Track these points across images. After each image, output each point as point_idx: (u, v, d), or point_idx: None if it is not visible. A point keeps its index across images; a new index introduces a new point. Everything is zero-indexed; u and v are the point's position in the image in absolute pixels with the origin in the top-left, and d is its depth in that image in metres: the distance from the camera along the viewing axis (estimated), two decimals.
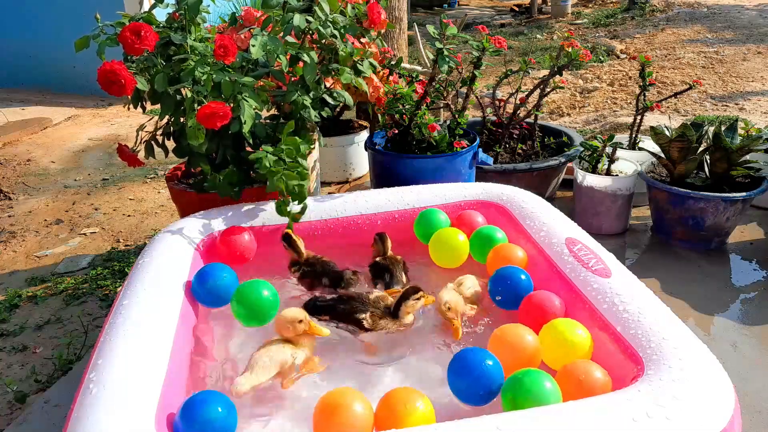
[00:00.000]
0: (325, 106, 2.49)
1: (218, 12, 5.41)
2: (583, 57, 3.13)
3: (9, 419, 2.07)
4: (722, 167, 2.90)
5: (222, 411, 1.42)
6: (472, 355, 1.56)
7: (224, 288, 1.93)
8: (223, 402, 1.44)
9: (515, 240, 2.24)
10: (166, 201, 3.82)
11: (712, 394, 1.35)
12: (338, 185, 3.91)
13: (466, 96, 3.16)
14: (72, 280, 2.94)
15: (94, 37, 2.17)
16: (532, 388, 1.45)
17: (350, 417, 1.40)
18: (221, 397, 1.46)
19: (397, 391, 1.48)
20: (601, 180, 3.02)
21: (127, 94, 2.01)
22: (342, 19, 2.37)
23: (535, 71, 5.93)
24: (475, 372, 1.53)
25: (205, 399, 1.43)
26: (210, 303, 1.97)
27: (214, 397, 1.44)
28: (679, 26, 7.96)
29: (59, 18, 6.16)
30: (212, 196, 2.41)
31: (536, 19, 9.90)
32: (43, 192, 4.10)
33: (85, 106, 6.07)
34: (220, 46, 2.02)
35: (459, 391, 1.56)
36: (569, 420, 1.29)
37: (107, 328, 1.64)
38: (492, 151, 3.46)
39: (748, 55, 6.42)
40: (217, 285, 1.92)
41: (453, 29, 2.84)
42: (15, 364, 2.36)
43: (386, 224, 2.38)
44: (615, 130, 4.49)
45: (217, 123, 1.97)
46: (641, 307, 1.65)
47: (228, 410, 1.44)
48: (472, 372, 1.53)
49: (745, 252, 2.92)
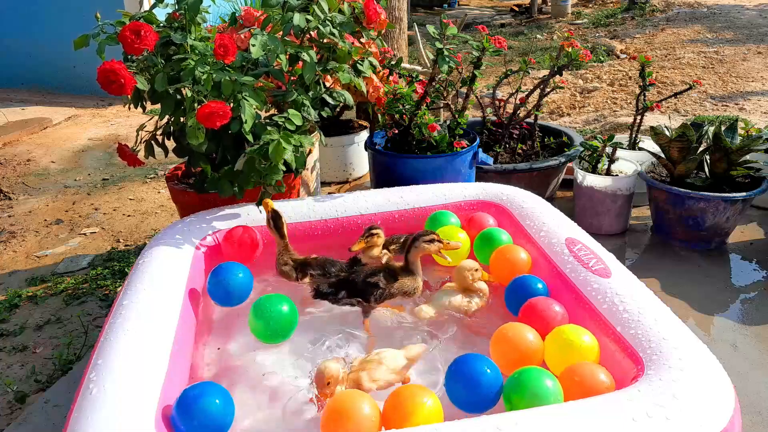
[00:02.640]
0: (325, 106, 2.49)
1: (218, 12, 5.41)
2: (583, 57, 3.13)
3: (9, 419, 2.07)
4: (722, 167, 2.90)
5: (219, 403, 1.43)
6: (471, 364, 1.52)
7: (240, 286, 1.99)
8: (220, 393, 1.45)
9: (515, 240, 2.24)
10: (166, 201, 3.82)
11: (712, 394, 1.35)
12: (338, 185, 3.91)
13: (466, 96, 3.16)
14: (72, 280, 2.94)
15: (94, 36, 2.17)
16: (533, 387, 1.45)
17: (359, 421, 1.39)
18: (218, 388, 1.46)
19: (405, 389, 1.47)
20: (601, 180, 3.02)
21: (126, 93, 2.00)
22: (341, 17, 2.37)
23: (535, 71, 5.94)
24: (473, 381, 1.49)
25: (201, 391, 1.44)
26: (225, 301, 2.01)
27: (211, 388, 1.45)
28: (679, 26, 7.97)
29: (59, 18, 6.15)
30: (212, 196, 2.41)
31: (536, 19, 9.90)
32: (43, 192, 4.10)
33: (85, 106, 6.07)
34: (220, 45, 2.02)
35: (457, 400, 1.54)
36: (569, 420, 1.29)
37: (107, 328, 1.65)
38: (492, 151, 3.46)
39: (748, 55, 6.42)
40: (233, 283, 1.97)
41: (453, 29, 2.84)
42: (15, 364, 2.36)
43: (386, 224, 2.38)
44: (615, 130, 4.49)
45: (217, 122, 1.96)
46: (641, 307, 1.65)
47: (225, 402, 1.45)
48: (470, 381, 1.50)
49: (745, 252, 2.92)
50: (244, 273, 2.02)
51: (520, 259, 2.09)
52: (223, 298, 2.01)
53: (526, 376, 1.48)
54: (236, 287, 1.99)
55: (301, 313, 1.95)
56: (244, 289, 2.02)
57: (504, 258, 2.11)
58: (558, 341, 1.66)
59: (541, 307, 1.80)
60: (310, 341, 1.93)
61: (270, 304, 1.83)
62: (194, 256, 2.10)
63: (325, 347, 1.84)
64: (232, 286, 1.98)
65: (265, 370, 1.82)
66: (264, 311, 1.82)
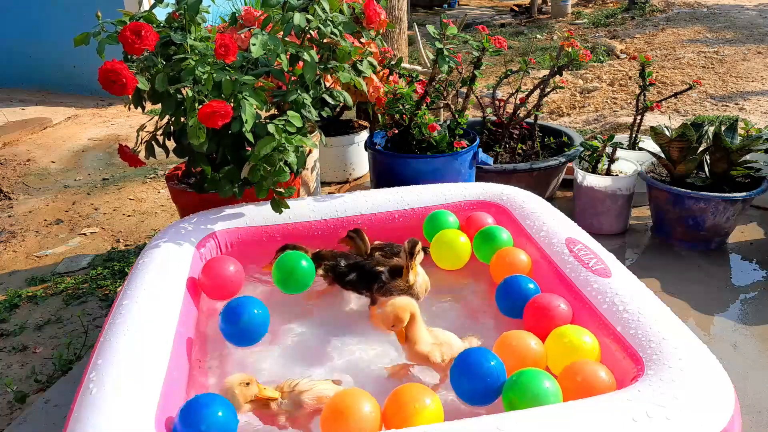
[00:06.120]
0: (325, 106, 2.49)
1: (218, 12, 5.41)
2: (583, 57, 3.13)
3: (9, 419, 2.07)
4: (722, 167, 2.90)
5: (222, 415, 1.40)
6: (475, 356, 1.55)
7: (257, 325, 1.81)
8: (223, 406, 1.42)
9: (515, 240, 2.23)
10: (166, 201, 3.82)
11: (712, 394, 1.35)
12: (338, 185, 3.91)
13: (466, 96, 3.16)
14: (72, 280, 2.94)
15: (95, 35, 2.17)
16: (532, 388, 1.44)
17: (359, 420, 1.39)
18: (221, 400, 1.44)
19: (405, 388, 1.48)
20: (601, 180, 3.02)
21: (128, 93, 2.01)
22: (341, 17, 2.37)
23: (535, 71, 5.93)
24: (478, 372, 1.52)
25: (205, 403, 1.41)
26: (241, 342, 1.84)
27: (214, 400, 1.43)
28: (679, 26, 7.96)
29: (59, 18, 6.15)
30: (212, 196, 2.41)
31: (536, 19, 9.90)
32: (43, 192, 4.10)
33: (85, 106, 6.07)
34: (221, 45, 2.02)
35: (461, 391, 1.56)
36: (569, 420, 1.29)
37: (107, 328, 1.65)
38: (492, 151, 3.46)
39: (748, 55, 6.42)
40: (250, 322, 1.79)
41: (453, 29, 2.84)
42: (15, 364, 2.36)
43: (386, 224, 2.38)
44: (615, 130, 4.49)
45: (219, 122, 1.97)
46: (641, 307, 1.65)
47: (228, 414, 1.42)
48: (475, 372, 1.52)
49: (745, 252, 2.92)
50: (260, 309, 1.84)
51: (520, 261, 2.08)
52: (239, 339, 1.84)
53: (525, 377, 1.48)
54: (254, 326, 1.81)
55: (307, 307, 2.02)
56: (261, 328, 1.84)
57: (504, 261, 2.10)
58: (559, 343, 1.66)
59: (546, 305, 1.80)
60: (310, 344, 1.93)
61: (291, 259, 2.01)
62: (194, 255, 2.10)
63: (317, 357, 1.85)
64: (249, 325, 1.80)
65: (265, 371, 1.83)
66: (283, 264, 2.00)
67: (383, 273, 2.05)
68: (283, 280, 2.03)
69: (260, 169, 2.14)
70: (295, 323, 2.05)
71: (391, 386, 1.51)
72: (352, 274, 2.11)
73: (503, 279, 2.00)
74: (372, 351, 1.90)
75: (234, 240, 2.26)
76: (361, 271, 2.10)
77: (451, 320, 2.04)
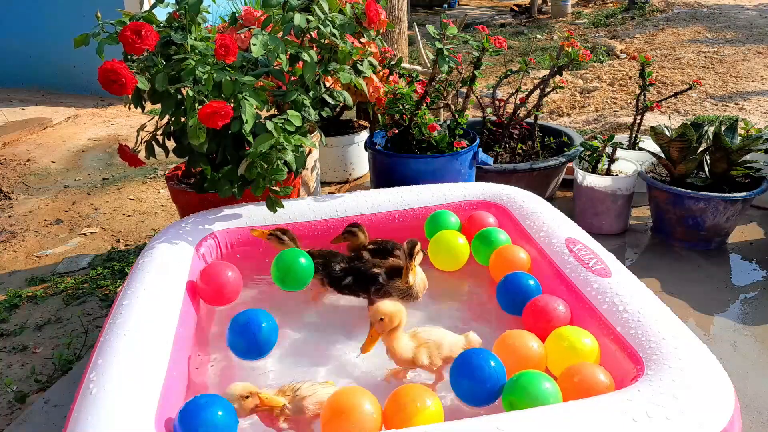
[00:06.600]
0: (325, 106, 2.49)
1: (218, 12, 5.41)
2: (583, 57, 3.12)
3: (9, 419, 2.07)
4: (722, 167, 2.90)
5: (222, 415, 1.40)
6: (476, 357, 1.55)
7: (266, 336, 1.76)
8: (222, 406, 1.43)
9: (515, 240, 2.23)
10: (166, 201, 3.82)
11: (712, 394, 1.35)
12: (338, 185, 3.91)
13: (466, 96, 3.16)
14: (72, 280, 2.94)
15: (95, 35, 2.17)
16: (532, 390, 1.44)
17: (359, 418, 1.39)
18: (221, 400, 1.45)
19: (405, 388, 1.48)
20: (601, 180, 3.02)
21: (127, 93, 2.01)
22: (341, 18, 2.37)
23: (535, 71, 5.93)
24: (479, 374, 1.51)
25: (204, 403, 1.41)
26: (249, 356, 1.80)
27: (214, 400, 1.43)
28: (679, 26, 7.96)
29: (59, 18, 6.15)
30: (212, 196, 2.41)
31: (536, 19, 9.90)
32: (43, 192, 4.10)
33: (85, 106, 6.07)
34: (221, 45, 2.02)
35: (461, 392, 1.55)
36: (569, 420, 1.29)
37: (107, 328, 1.65)
38: (492, 151, 3.46)
39: (748, 55, 6.42)
40: (259, 334, 1.74)
41: (453, 29, 2.84)
42: (15, 364, 2.36)
43: (386, 224, 2.38)
44: (615, 130, 4.49)
45: (219, 122, 1.97)
46: (641, 307, 1.65)
47: (228, 415, 1.42)
48: (476, 374, 1.52)
49: (745, 252, 2.92)
50: (268, 321, 1.79)
51: (519, 258, 2.09)
52: (247, 353, 1.79)
53: (524, 378, 1.48)
54: (262, 339, 1.76)
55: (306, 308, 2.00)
56: (270, 341, 1.79)
57: (503, 258, 2.11)
58: (558, 345, 1.66)
59: (544, 306, 1.80)
60: (309, 346, 1.93)
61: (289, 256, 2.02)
62: (194, 256, 2.10)
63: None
64: (257, 338, 1.75)
65: (265, 373, 1.82)
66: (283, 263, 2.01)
67: (380, 275, 2.04)
68: (281, 277, 2.03)
69: (257, 166, 2.13)
70: (295, 325, 2.05)
71: (391, 387, 1.51)
72: (348, 277, 2.10)
73: (504, 276, 2.00)
74: (372, 352, 1.89)
75: (234, 240, 2.26)
76: (358, 273, 2.09)
77: (451, 320, 2.04)
